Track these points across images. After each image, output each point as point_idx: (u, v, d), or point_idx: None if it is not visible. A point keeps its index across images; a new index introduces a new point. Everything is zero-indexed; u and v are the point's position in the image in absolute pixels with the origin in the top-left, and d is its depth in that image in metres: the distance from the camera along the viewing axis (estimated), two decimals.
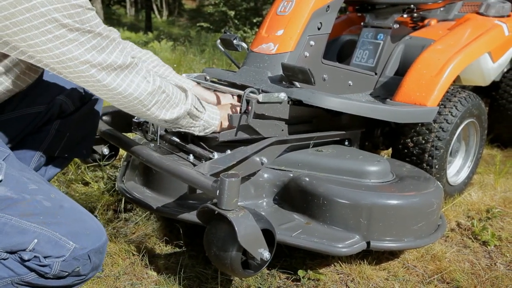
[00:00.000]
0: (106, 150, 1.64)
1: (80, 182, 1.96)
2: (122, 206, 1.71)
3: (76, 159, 2.00)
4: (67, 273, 0.94)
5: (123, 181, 1.59)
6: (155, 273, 1.34)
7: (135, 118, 1.53)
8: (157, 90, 1.09)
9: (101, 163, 1.67)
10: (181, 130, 1.27)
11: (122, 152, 2.04)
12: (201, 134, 1.32)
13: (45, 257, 0.92)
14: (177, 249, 1.48)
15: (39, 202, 0.96)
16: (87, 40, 0.92)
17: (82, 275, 0.98)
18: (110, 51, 0.96)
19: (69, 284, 0.97)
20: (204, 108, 1.28)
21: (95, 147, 1.64)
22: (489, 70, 2.08)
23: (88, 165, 1.95)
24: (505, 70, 2.63)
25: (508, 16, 2.16)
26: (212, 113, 1.31)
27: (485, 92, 2.66)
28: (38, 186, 1.00)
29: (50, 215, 0.95)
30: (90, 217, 1.03)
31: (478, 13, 2.13)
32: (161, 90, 1.11)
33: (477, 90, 2.63)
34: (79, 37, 0.91)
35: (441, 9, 2.29)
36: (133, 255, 1.43)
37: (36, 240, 0.91)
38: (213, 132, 1.35)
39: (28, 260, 0.91)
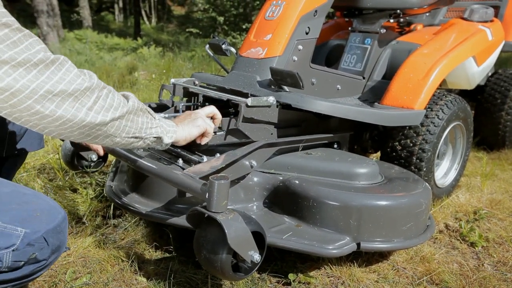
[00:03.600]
0: (94, 156, 1.62)
1: (68, 189, 1.94)
2: (111, 212, 1.69)
3: (64, 165, 1.98)
4: (23, 262, 0.86)
5: (112, 187, 1.58)
6: (144, 279, 1.33)
7: None
8: (96, 85, 0.89)
9: (89, 169, 1.65)
10: (140, 145, 1.04)
11: (111, 158, 2.02)
12: (167, 141, 1.12)
13: None
14: (167, 255, 1.47)
15: None
16: None
17: (41, 261, 0.89)
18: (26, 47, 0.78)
19: (28, 273, 0.89)
20: (152, 115, 1.07)
21: (83, 153, 1.62)
22: (474, 73, 2.12)
23: (76, 171, 1.93)
24: (490, 74, 2.68)
25: (491, 21, 2.21)
26: (163, 121, 1.12)
27: (471, 96, 2.71)
28: None
29: None
30: (39, 198, 0.93)
31: (462, 18, 2.18)
32: (101, 86, 0.90)
33: (463, 93, 2.68)
34: None
35: (427, 14, 2.33)
36: (122, 261, 1.42)
37: None
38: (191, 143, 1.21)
39: None
